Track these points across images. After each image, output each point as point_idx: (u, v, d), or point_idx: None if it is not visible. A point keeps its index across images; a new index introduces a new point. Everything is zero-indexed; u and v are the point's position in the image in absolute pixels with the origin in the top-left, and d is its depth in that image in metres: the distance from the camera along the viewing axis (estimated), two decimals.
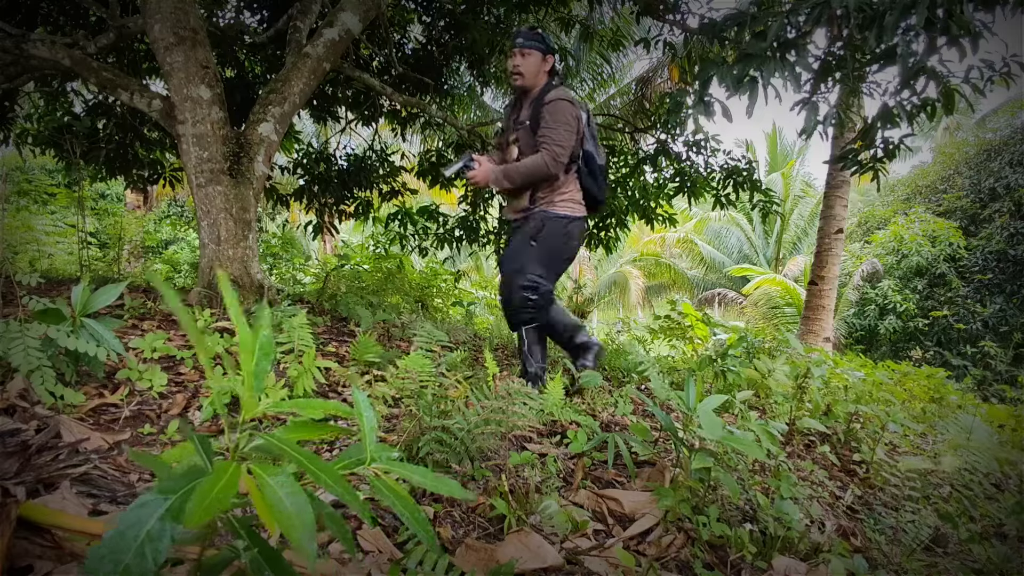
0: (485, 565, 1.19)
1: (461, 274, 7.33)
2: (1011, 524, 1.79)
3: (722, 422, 1.48)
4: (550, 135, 2.26)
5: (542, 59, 2.40)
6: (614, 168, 5.49)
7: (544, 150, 2.27)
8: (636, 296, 16.55)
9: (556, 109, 2.27)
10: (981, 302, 11.36)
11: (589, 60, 9.92)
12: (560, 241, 2.39)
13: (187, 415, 1.84)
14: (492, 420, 1.70)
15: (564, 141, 2.27)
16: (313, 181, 5.62)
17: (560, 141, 2.26)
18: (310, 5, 3.99)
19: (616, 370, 3.53)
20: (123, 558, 0.48)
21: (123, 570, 0.47)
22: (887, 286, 12.00)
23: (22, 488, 1.04)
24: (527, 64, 2.38)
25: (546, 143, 2.27)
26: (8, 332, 1.59)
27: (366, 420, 0.73)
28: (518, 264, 2.36)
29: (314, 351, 2.11)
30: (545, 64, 2.41)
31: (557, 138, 2.25)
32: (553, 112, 2.27)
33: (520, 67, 2.38)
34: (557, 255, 2.42)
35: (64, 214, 7.46)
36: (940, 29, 2.24)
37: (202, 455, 0.63)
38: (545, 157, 2.26)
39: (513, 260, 2.39)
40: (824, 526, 1.76)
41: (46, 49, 3.24)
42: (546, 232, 2.35)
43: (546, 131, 2.27)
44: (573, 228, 2.41)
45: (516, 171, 2.31)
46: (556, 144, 2.26)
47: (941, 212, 13.29)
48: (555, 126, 2.26)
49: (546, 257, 2.37)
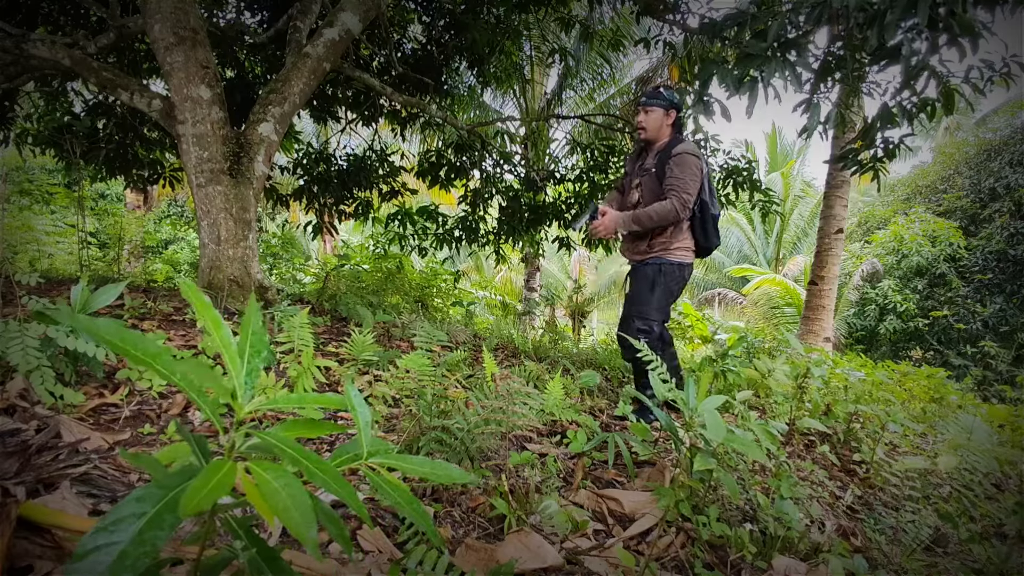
0: (485, 565, 1.19)
1: (461, 274, 7.33)
2: (1011, 524, 1.78)
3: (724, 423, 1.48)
4: (678, 184, 2.48)
5: (664, 114, 2.62)
6: (614, 168, 5.49)
7: (673, 196, 2.48)
8: None
9: (683, 161, 2.49)
10: (981, 302, 11.36)
11: (589, 60, 9.92)
12: (675, 286, 2.62)
13: (187, 415, 1.84)
14: (492, 420, 1.70)
15: (691, 189, 2.48)
16: (313, 181, 5.62)
17: (688, 189, 2.48)
18: (310, 5, 3.99)
19: (616, 370, 3.53)
20: (120, 543, 0.47)
21: (120, 555, 0.46)
22: (887, 286, 12.00)
23: (22, 488, 1.04)
24: (650, 120, 2.63)
25: (675, 190, 2.48)
26: (8, 332, 1.59)
27: (360, 415, 0.73)
28: (638, 307, 2.61)
29: (312, 350, 2.11)
30: (668, 118, 2.64)
31: (685, 186, 2.47)
32: (680, 164, 2.49)
33: (644, 123, 2.65)
34: (670, 298, 2.65)
35: (64, 214, 7.47)
36: (942, 28, 2.24)
37: (198, 454, 0.63)
38: (675, 203, 2.47)
39: (634, 302, 2.64)
40: (824, 526, 1.76)
41: (46, 49, 3.24)
42: (664, 278, 2.59)
43: (674, 180, 2.49)
44: (686, 273, 2.66)
45: (647, 215, 2.51)
46: (684, 192, 2.47)
47: (941, 212, 13.29)
48: (682, 175, 2.47)
49: (662, 300, 2.60)
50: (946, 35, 2.27)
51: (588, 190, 5.46)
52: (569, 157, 9.61)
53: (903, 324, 11.45)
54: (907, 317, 11.45)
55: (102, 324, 0.56)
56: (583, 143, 5.88)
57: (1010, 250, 11.29)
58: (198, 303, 0.63)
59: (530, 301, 10.75)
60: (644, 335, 2.53)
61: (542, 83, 10.89)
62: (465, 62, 5.71)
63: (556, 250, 6.24)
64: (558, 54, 6.10)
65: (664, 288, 2.60)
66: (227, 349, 0.64)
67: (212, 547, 1.02)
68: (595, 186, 5.42)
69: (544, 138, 9.74)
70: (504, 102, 10.89)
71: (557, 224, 5.69)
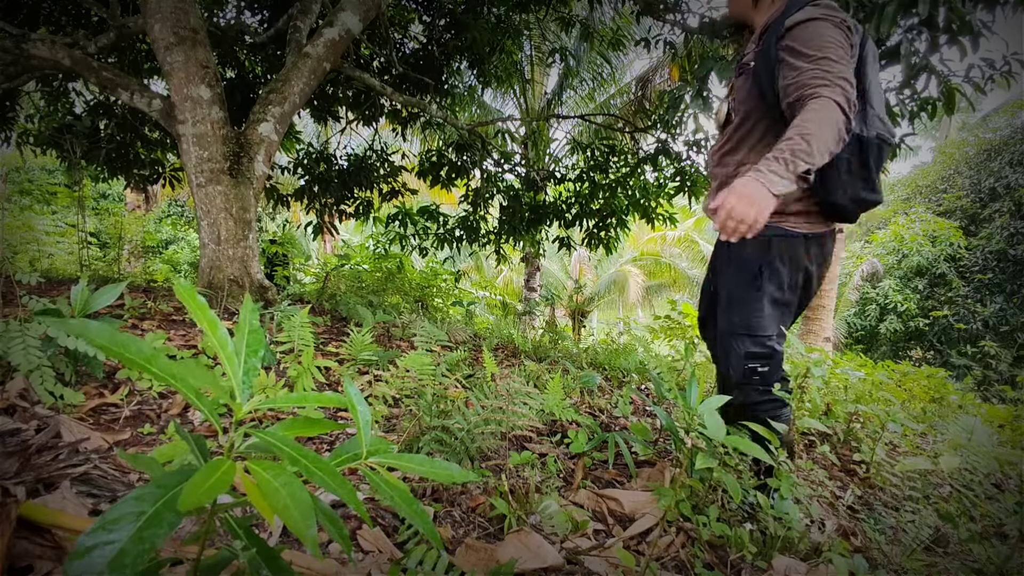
0: (485, 565, 1.19)
1: (461, 274, 7.33)
2: (1011, 524, 1.78)
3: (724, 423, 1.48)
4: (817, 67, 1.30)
5: None
6: (614, 168, 5.50)
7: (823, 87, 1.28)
8: (636, 295, 16.54)
9: (809, 32, 1.35)
10: (981, 302, 11.36)
11: (589, 60, 9.92)
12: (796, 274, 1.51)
13: (187, 415, 1.84)
14: (492, 420, 1.70)
15: (840, 73, 1.30)
16: (313, 181, 5.62)
17: (838, 72, 1.29)
18: (310, 5, 3.99)
19: (616, 370, 3.53)
20: (119, 541, 0.47)
21: (119, 553, 0.46)
22: (887, 286, 12.00)
23: (22, 488, 1.04)
24: None
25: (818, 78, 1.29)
26: (8, 332, 1.59)
27: (360, 414, 0.72)
28: (740, 317, 1.53)
29: (312, 350, 2.11)
30: None
31: (830, 68, 1.30)
32: (806, 36, 1.35)
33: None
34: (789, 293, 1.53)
35: (64, 214, 7.47)
36: (943, 28, 2.24)
37: (197, 454, 0.63)
38: (830, 96, 1.26)
39: (731, 310, 1.55)
40: (824, 526, 1.76)
41: (46, 49, 3.25)
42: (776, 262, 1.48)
43: (804, 67, 1.32)
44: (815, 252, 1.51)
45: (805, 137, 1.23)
46: (837, 76, 1.29)
47: (941, 212, 13.28)
48: (817, 56, 1.32)
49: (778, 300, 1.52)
50: (946, 35, 2.27)
51: (588, 190, 5.46)
52: (569, 157, 9.61)
53: (903, 324, 11.45)
54: (907, 317, 11.45)
55: (94, 328, 0.55)
56: (583, 143, 5.88)
57: (1010, 250, 11.29)
58: (192, 304, 0.63)
59: (530, 301, 10.75)
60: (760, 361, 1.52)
61: (542, 83, 10.89)
62: (465, 62, 5.71)
63: (556, 250, 6.25)
64: (558, 54, 6.11)
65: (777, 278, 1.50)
66: (223, 349, 0.64)
67: (212, 547, 1.02)
68: (595, 186, 5.43)
69: (544, 138, 9.74)
70: (504, 102, 10.89)
71: (557, 224, 5.70)
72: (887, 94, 2.94)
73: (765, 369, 1.53)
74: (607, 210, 5.47)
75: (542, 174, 5.81)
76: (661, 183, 5.35)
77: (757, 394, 1.56)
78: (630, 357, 3.64)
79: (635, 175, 5.36)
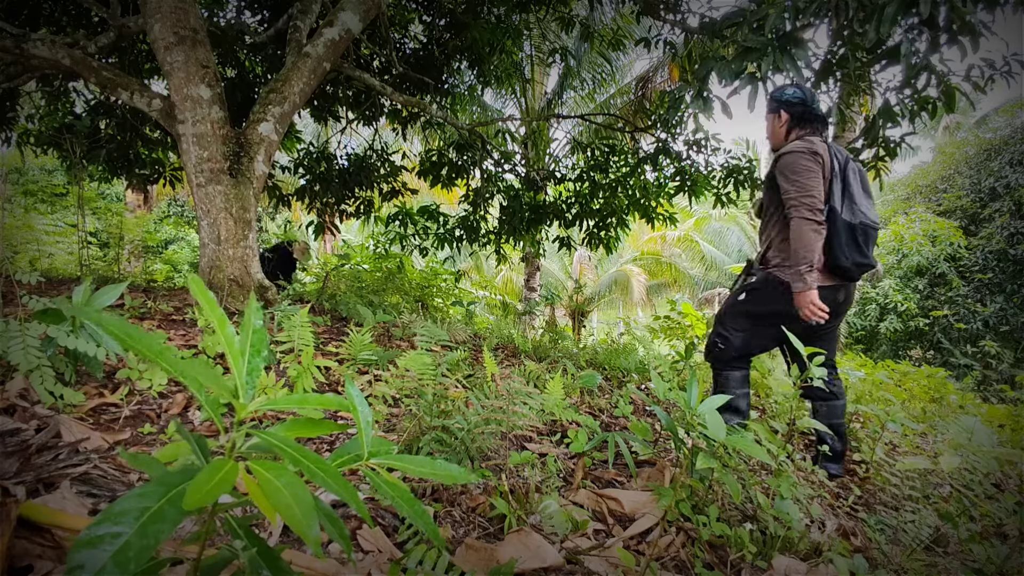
0: (485, 565, 1.19)
1: (461, 274, 7.33)
2: (1011, 524, 1.78)
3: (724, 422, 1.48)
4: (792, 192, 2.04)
5: (775, 117, 2.28)
6: (614, 167, 5.49)
7: (793, 211, 2.03)
8: (637, 295, 16.55)
9: (786, 165, 2.08)
10: (981, 301, 11.35)
11: (590, 59, 9.92)
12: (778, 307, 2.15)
13: (187, 414, 1.84)
14: (492, 420, 1.70)
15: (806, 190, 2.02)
16: (314, 181, 5.62)
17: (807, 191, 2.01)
18: (310, 5, 3.99)
19: (616, 370, 3.53)
20: (124, 534, 0.47)
21: (124, 545, 0.46)
22: (887, 285, 12.00)
23: (22, 488, 1.04)
24: (768, 130, 2.33)
25: (791, 201, 2.04)
26: (8, 331, 1.59)
27: (361, 414, 0.72)
28: (721, 311, 2.33)
29: (312, 350, 2.11)
30: (779, 121, 2.27)
31: (801, 190, 2.02)
32: (785, 169, 2.08)
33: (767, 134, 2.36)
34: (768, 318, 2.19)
35: (64, 214, 7.47)
36: (943, 27, 2.24)
37: (198, 453, 0.63)
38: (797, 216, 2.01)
39: (723, 305, 2.36)
40: (824, 526, 1.76)
41: (46, 49, 3.25)
42: (760, 293, 2.21)
43: (785, 192, 2.07)
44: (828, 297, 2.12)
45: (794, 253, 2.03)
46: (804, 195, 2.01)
47: (941, 212, 13.28)
48: (789, 182, 2.05)
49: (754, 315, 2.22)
50: (946, 34, 2.27)
51: (588, 190, 5.46)
52: (569, 157, 9.61)
53: (903, 324, 11.45)
54: (907, 317, 11.45)
55: (109, 319, 0.56)
56: (583, 143, 5.88)
57: (1010, 249, 11.28)
58: (205, 300, 0.63)
59: (530, 301, 10.75)
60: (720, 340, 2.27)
61: (542, 83, 10.88)
62: (465, 62, 5.72)
63: (556, 250, 6.25)
64: (558, 53, 6.10)
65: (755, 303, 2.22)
66: (230, 347, 0.64)
67: (212, 547, 1.02)
68: (595, 185, 5.43)
69: (544, 138, 9.74)
70: (504, 102, 10.89)
71: (557, 224, 5.70)
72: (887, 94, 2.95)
73: (722, 346, 2.29)
74: (607, 210, 5.47)
75: (542, 174, 5.81)
76: (661, 183, 5.35)
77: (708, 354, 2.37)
78: (630, 357, 3.64)
79: (635, 175, 5.36)
